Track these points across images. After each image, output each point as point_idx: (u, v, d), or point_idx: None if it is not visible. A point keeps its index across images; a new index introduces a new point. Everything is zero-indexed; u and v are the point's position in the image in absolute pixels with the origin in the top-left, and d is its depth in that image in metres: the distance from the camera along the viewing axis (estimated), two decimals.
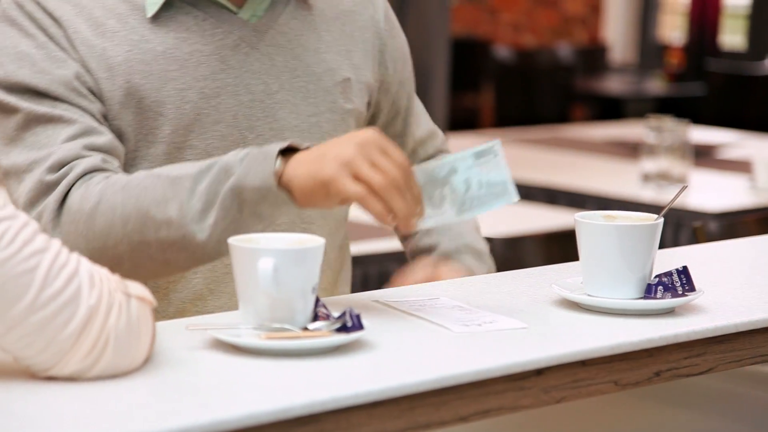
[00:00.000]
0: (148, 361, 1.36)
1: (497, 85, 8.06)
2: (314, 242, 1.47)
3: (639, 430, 1.80)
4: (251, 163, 1.58)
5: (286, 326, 1.43)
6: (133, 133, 1.74)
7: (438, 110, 4.61)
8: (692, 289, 1.63)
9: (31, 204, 1.67)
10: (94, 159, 1.68)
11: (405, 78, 1.96)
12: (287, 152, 1.59)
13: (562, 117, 7.76)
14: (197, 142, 1.75)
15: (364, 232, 3.31)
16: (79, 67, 1.71)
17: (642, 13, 9.28)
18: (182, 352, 1.41)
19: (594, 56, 8.74)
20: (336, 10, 1.87)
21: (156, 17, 1.75)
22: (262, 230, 1.60)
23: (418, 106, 2.00)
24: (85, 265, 1.31)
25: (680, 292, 1.62)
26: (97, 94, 1.73)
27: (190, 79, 1.75)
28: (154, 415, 1.23)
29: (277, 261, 1.41)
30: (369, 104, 1.91)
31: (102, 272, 1.33)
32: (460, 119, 7.57)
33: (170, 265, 1.65)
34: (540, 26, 9.29)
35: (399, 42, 1.95)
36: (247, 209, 1.59)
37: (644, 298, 1.62)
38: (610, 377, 1.50)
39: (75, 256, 1.31)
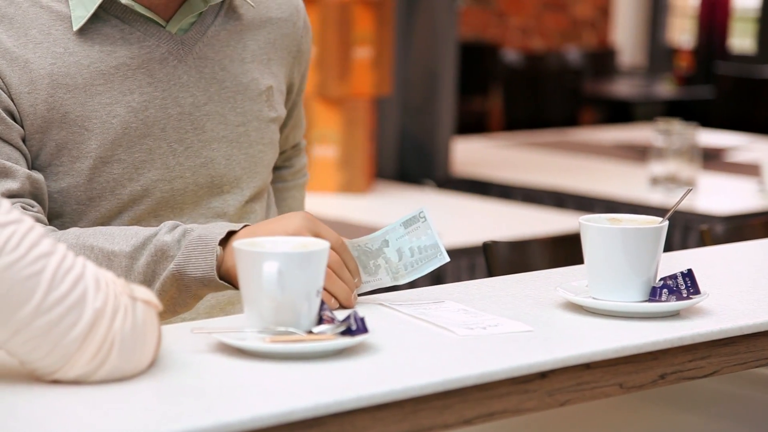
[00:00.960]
0: (153, 364, 1.36)
1: (506, 89, 8.05)
2: (319, 246, 1.47)
3: None
4: (191, 251, 1.60)
5: (291, 329, 1.44)
6: (57, 147, 1.71)
7: (447, 114, 4.62)
8: (697, 291, 1.63)
9: None
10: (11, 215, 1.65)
11: (304, 82, 1.98)
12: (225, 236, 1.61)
13: (570, 120, 7.76)
14: (125, 156, 1.73)
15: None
16: None
17: (651, 16, 9.27)
18: (187, 355, 1.41)
19: (603, 59, 8.74)
20: (263, 17, 1.87)
21: (82, 30, 1.72)
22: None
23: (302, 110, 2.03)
24: (91, 268, 1.32)
25: (685, 295, 1.62)
26: (15, 116, 1.69)
27: (117, 93, 1.72)
28: (159, 418, 1.23)
29: (281, 264, 1.42)
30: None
31: (108, 276, 1.33)
32: (468, 123, 7.57)
33: None
34: (549, 30, 9.29)
35: (309, 45, 1.96)
36: (187, 292, 1.63)
37: (649, 301, 1.62)
38: (615, 380, 1.50)
39: (81, 260, 1.31)
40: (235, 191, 1.83)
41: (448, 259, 1.64)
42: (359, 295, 1.65)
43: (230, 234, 1.62)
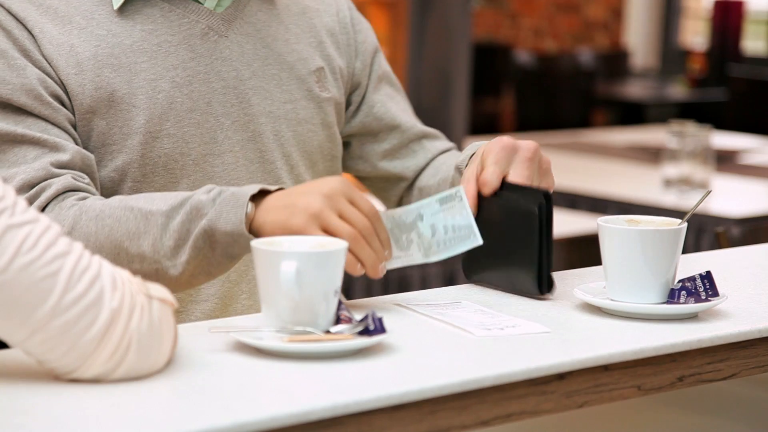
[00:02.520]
0: (170, 363, 1.36)
1: (518, 90, 8.05)
2: (337, 245, 1.47)
3: None
4: (223, 206, 1.60)
5: (309, 329, 1.43)
6: (108, 126, 1.75)
7: (459, 115, 4.61)
8: (716, 294, 1.62)
9: None
10: (65, 178, 1.68)
11: (374, 77, 1.97)
12: (258, 195, 1.61)
13: (583, 122, 7.75)
14: (174, 131, 1.77)
15: None
16: (41, 73, 1.71)
17: (664, 18, 9.25)
18: (204, 354, 1.41)
19: (615, 61, 8.72)
20: (299, 6, 1.91)
21: (122, 10, 1.77)
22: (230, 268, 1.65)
23: (400, 102, 2.00)
24: (107, 267, 1.31)
25: (703, 297, 1.61)
26: (63, 99, 1.73)
27: (161, 69, 1.76)
28: (177, 418, 1.23)
29: (299, 264, 1.42)
30: (349, 95, 1.94)
31: (124, 275, 1.33)
32: (481, 124, 7.57)
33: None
34: (561, 31, 9.28)
35: (365, 36, 1.97)
36: (219, 249, 1.61)
37: (667, 303, 1.61)
38: (633, 382, 1.49)
39: (97, 259, 1.31)
40: (287, 169, 1.83)
41: (480, 242, 1.61)
42: (388, 270, 1.63)
43: (265, 194, 1.61)
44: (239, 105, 1.81)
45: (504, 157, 1.69)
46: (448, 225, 1.61)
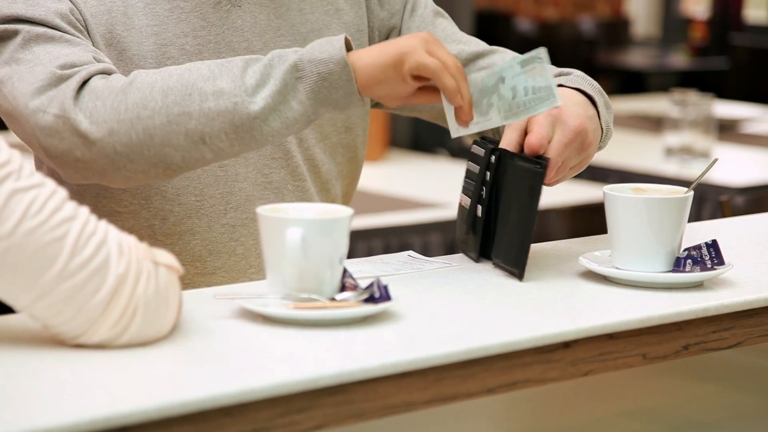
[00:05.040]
0: (175, 329, 1.36)
1: None
2: (342, 212, 1.46)
3: (666, 403, 1.79)
4: (314, 46, 1.57)
5: (314, 296, 1.43)
6: None
7: None
8: (721, 262, 1.62)
9: (38, 91, 1.59)
10: (110, 65, 1.64)
11: (408, 10, 1.89)
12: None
13: None
14: None
15: (385, 204, 3.31)
16: (71, 5, 1.69)
17: None
18: (209, 321, 1.41)
19: (617, 30, 8.69)
20: None
21: None
22: (306, 125, 1.59)
23: (447, 29, 1.93)
24: (114, 233, 1.31)
25: (709, 266, 1.61)
26: (87, 34, 1.70)
27: (171, 36, 1.74)
28: (182, 384, 1.23)
29: (305, 231, 1.41)
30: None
31: (130, 240, 1.32)
32: None
33: (204, 144, 1.57)
34: None
35: None
36: (304, 86, 1.56)
37: (673, 271, 1.61)
38: (638, 350, 1.49)
39: (103, 224, 1.31)
40: (296, 143, 1.80)
41: (560, 103, 1.57)
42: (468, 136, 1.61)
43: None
44: None
45: (548, 125, 1.65)
46: (528, 86, 1.58)
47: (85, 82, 1.59)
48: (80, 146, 1.57)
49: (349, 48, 1.58)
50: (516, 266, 1.61)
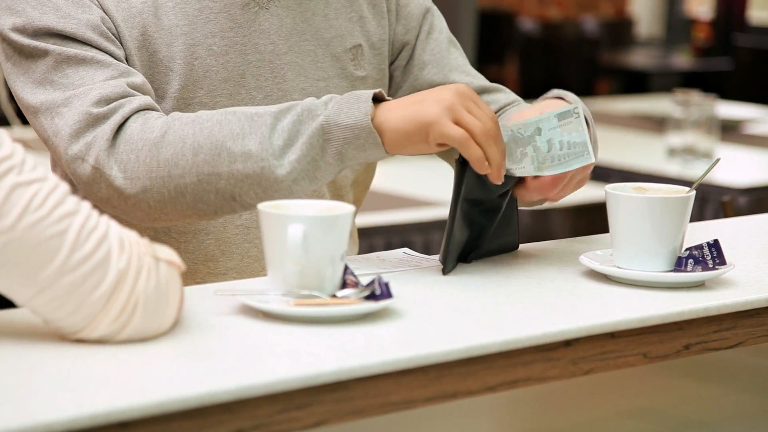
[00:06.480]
0: (176, 325, 1.36)
1: (522, 58, 8.02)
2: (344, 209, 1.46)
3: (666, 403, 1.79)
4: (341, 104, 1.58)
5: (315, 293, 1.43)
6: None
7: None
8: (723, 262, 1.62)
9: (76, 135, 1.62)
10: (145, 98, 1.65)
11: (424, 31, 1.90)
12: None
13: (587, 90, 7.73)
14: (206, 99, 1.75)
15: (386, 202, 3.31)
16: (103, 13, 1.69)
17: None
18: (210, 317, 1.41)
19: (620, 30, 8.69)
20: None
21: None
22: (334, 177, 1.61)
23: (458, 59, 1.94)
24: (115, 228, 1.31)
25: (711, 266, 1.61)
26: (119, 41, 1.71)
27: (200, 36, 1.74)
28: (182, 379, 1.23)
29: (306, 228, 1.41)
30: (394, 67, 1.89)
31: (131, 236, 1.32)
32: None
33: (235, 201, 1.61)
34: None
35: (409, 1, 1.90)
36: (332, 149, 1.58)
37: (674, 271, 1.61)
38: (639, 350, 1.49)
39: (105, 219, 1.31)
40: None
41: (593, 160, 1.60)
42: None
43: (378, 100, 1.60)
44: (273, 80, 1.78)
45: None
46: (564, 141, 1.60)
47: (120, 127, 1.62)
48: (116, 198, 1.62)
49: (378, 99, 1.59)
50: (443, 261, 1.63)
